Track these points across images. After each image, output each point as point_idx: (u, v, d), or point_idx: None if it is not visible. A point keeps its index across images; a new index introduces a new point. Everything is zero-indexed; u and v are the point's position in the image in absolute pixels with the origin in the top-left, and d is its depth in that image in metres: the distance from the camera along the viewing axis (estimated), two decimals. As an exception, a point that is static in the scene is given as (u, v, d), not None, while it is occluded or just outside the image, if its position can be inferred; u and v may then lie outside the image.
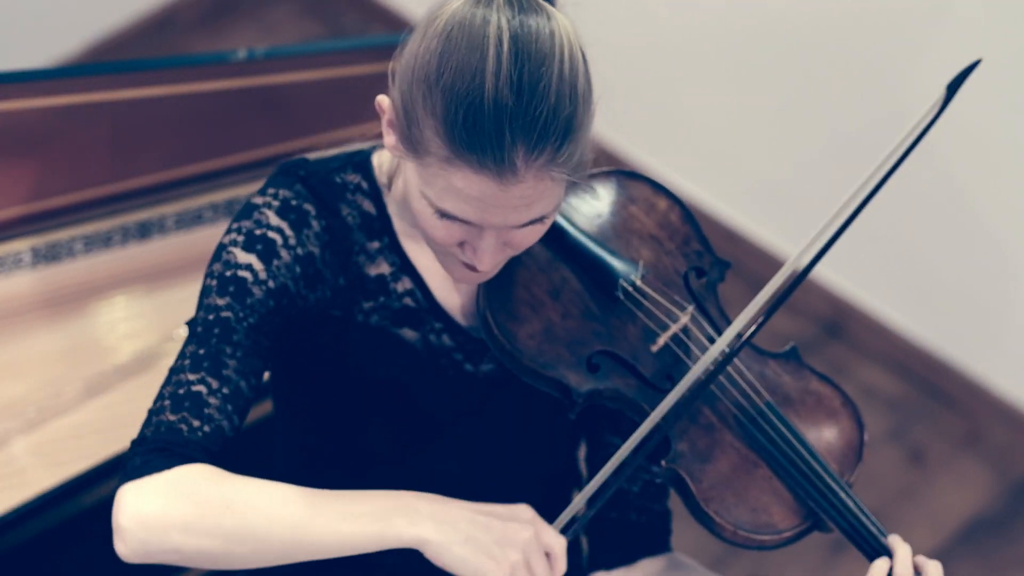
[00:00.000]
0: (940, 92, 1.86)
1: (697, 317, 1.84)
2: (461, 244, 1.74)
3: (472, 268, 1.76)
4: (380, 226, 1.86)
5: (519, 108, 1.63)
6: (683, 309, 1.84)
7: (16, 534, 2.38)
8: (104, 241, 2.70)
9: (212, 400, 1.76)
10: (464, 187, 1.66)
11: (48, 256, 2.65)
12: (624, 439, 1.96)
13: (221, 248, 1.82)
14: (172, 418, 1.75)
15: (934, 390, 3.73)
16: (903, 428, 3.67)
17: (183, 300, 2.78)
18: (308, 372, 1.92)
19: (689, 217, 1.90)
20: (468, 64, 1.63)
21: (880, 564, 1.75)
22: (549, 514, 2.08)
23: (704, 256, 1.89)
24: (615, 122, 1.98)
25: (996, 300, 3.61)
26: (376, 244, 1.86)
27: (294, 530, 1.68)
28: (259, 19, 4.35)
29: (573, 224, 1.87)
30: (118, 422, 2.52)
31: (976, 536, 3.36)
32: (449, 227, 1.71)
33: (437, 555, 1.68)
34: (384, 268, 1.87)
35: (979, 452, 3.64)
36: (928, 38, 3.44)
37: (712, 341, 1.83)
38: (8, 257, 2.62)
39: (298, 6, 4.38)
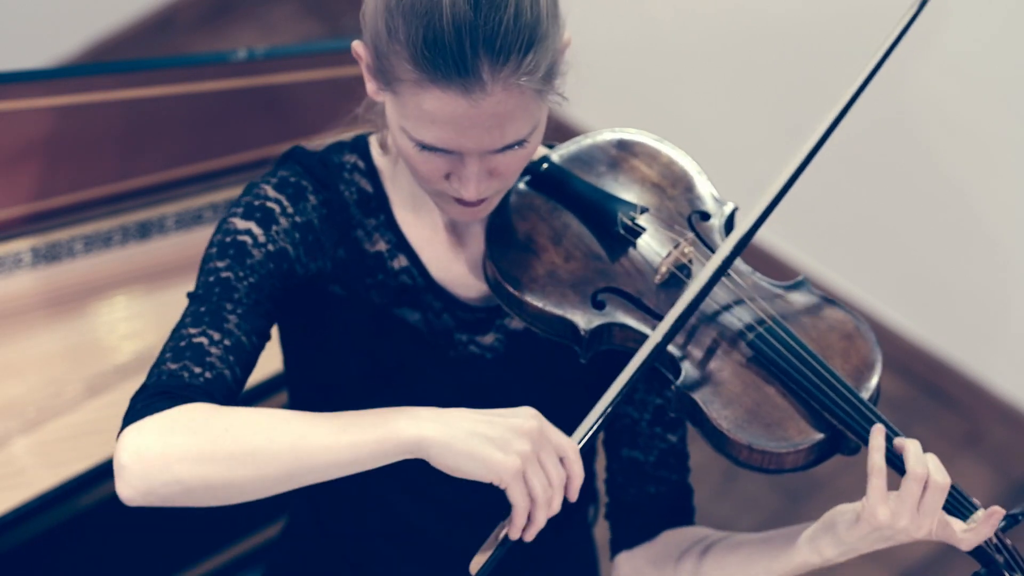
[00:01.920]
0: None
1: (699, 247, 1.84)
2: (448, 177, 1.75)
3: (465, 202, 1.77)
4: (377, 204, 1.88)
5: (478, 19, 1.64)
6: (684, 237, 1.84)
7: (16, 534, 2.38)
8: (104, 241, 2.70)
9: (214, 350, 1.75)
10: (435, 109, 1.67)
11: (48, 256, 2.65)
12: (642, 453, 1.95)
13: (221, 222, 1.84)
14: (173, 367, 1.74)
15: (934, 390, 3.73)
16: (903, 428, 3.63)
17: (183, 300, 2.79)
18: (317, 360, 1.93)
19: (694, 167, 1.91)
20: None
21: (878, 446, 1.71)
22: (568, 515, 2.08)
23: (708, 202, 1.89)
24: (614, 122, 1.98)
25: (996, 300, 3.61)
26: (373, 221, 1.88)
27: (294, 445, 1.63)
28: (259, 19, 4.35)
29: (572, 173, 1.88)
30: (118, 422, 2.51)
31: (976, 536, 3.35)
32: (431, 159, 1.72)
33: (441, 456, 1.62)
34: (381, 245, 1.88)
35: (979, 452, 3.64)
36: (928, 38, 3.44)
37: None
38: (8, 257, 2.62)
39: (298, 6, 4.38)
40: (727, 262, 1.76)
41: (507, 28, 1.65)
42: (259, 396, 2.53)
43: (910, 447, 1.72)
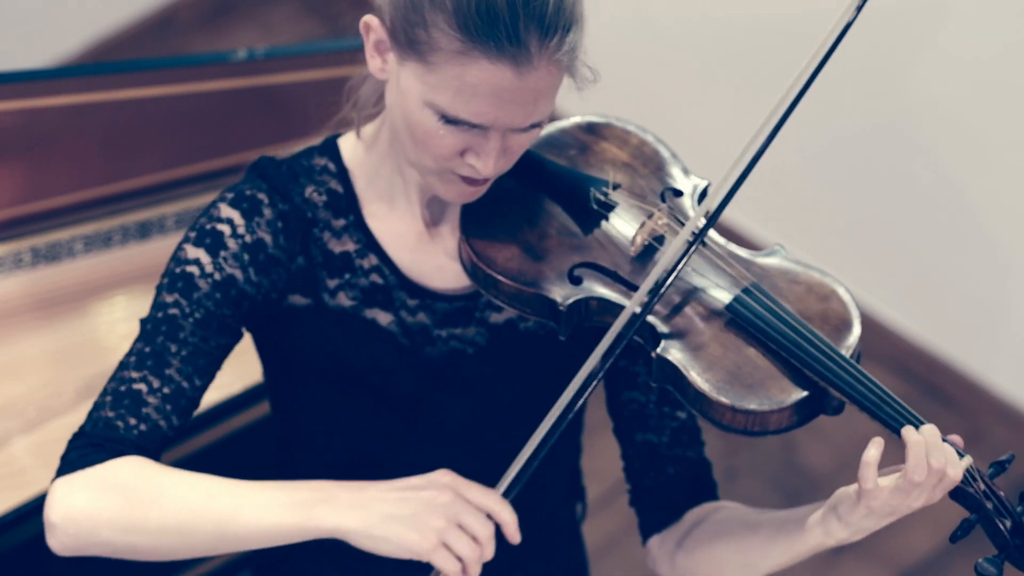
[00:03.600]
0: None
1: (672, 216, 1.85)
2: (463, 154, 1.75)
3: (470, 182, 1.78)
4: (346, 204, 1.89)
5: None
6: (657, 208, 1.84)
7: (16, 534, 2.38)
8: (104, 241, 2.70)
9: (151, 399, 1.80)
10: (480, 81, 1.69)
11: (48, 256, 2.65)
12: (655, 435, 1.95)
13: (178, 246, 1.87)
14: (111, 415, 1.79)
15: (934, 390, 3.73)
16: (903, 428, 3.66)
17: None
18: (292, 374, 1.93)
19: (664, 148, 1.93)
20: None
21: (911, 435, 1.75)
22: (552, 513, 2.08)
23: (681, 179, 1.90)
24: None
25: (996, 300, 3.61)
26: (342, 222, 1.88)
27: (218, 523, 1.70)
28: (259, 19, 4.35)
29: (544, 157, 1.90)
30: (118, 422, 2.52)
31: (975, 535, 3.35)
32: (451, 135, 1.73)
33: (359, 541, 1.69)
34: (349, 245, 1.88)
35: (979, 452, 3.63)
36: (928, 38, 3.44)
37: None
38: (8, 257, 2.62)
39: (298, 6, 4.38)
40: (704, 229, 1.77)
41: (556, 5, 1.69)
42: (246, 403, 2.53)
43: (929, 435, 1.76)
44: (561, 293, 1.81)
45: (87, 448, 1.76)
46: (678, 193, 1.89)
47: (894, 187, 3.66)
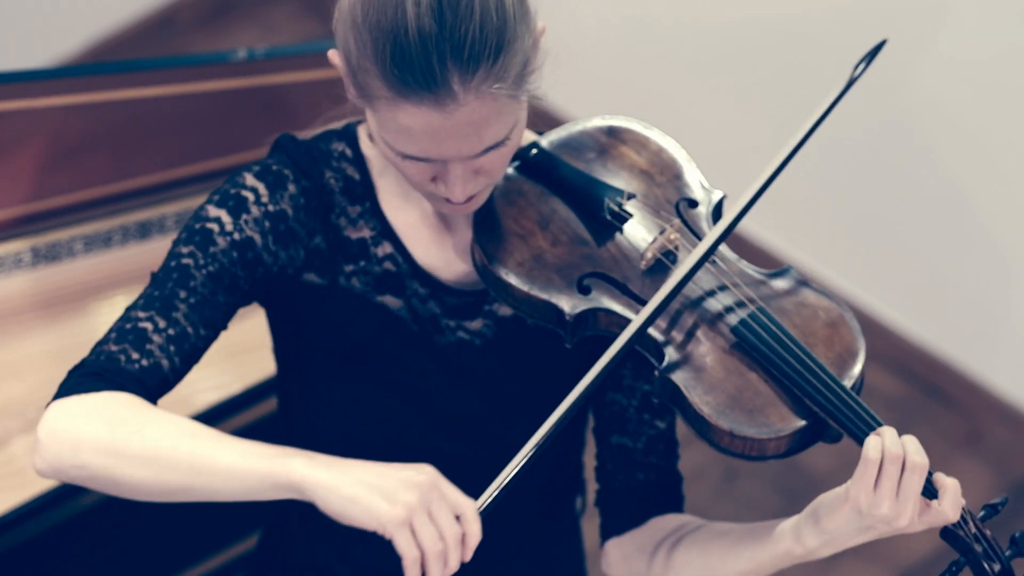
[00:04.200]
0: (848, 71, 1.89)
1: (686, 233, 1.84)
2: (434, 180, 1.75)
3: (455, 202, 1.77)
4: (363, 191, 1.89)
5: (443, 32, 1.64)
6: (670, 223, 1.84)
7: (16, 534, 2.38)
8: (104, 241, 2.70)
9: (156, 338, 1.79)
10: (411, 124, 1.68)
11: (48, 256, 2.65)
12: (631, 439, 1.96)
13: (198, 208, 1.86)
14: (113, 348, 1.79)
15: (934, 390, 3.73)
16: (903, 428, 3.63)
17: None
18: (302, 352, 1.93)
19: (682, 155, 1.92)
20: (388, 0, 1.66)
21: (873, 439, 1.70)
22: (553, 504, 2.09)
23: (696, 190, 1.89)
24: (606, 112, 1.98)
25: (996, 300, 3.61)
26: (358, 208, 1.89)
27: (194, 460, 1.68)
28: (259, 19, 4.35)
29: (561, 159, 1.88)
30: (118, 422, 2.52)
31: (976, 536, 3.35)
32: (415, 166, 1.73)
33: (325, 500, 1.63)
34: (365, 232, 1.89)
35: (979, 452, 3.64)
36: (928, 38, 3.44)
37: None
38: (8, 257, 2.62)
39: (298, 6, 4.38)
40: (711, 249, 1.77)
41: (474, 37, 1.65)
42: (246, 403, 2.53)
43: (886, 432, 1.71)
44: (569, 302, 1.80)
45: (86, 377, 1.77)
46: (693, 204, 1.88)
47: (894, 187, 3.66)
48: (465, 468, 1.81)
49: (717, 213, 1.88)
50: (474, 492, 1.69)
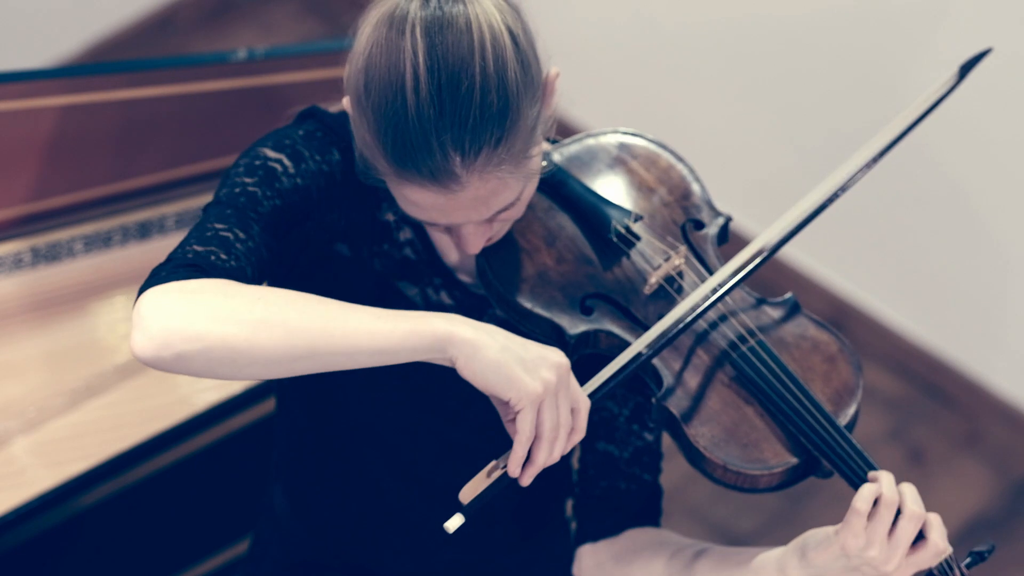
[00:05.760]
0: (952, 72, 1.86)
1: (691, 260, 1.85)
2: (449, 231, 1.75)
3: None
4: None
5: (444, 118, 1.62)
6: (676, 250, 1.84)
7: (16, 534, 2.38)
8: (104, 241, 2.70)
9: (239, 245, 1.70)
10: (419, 200, 1.68)
11: (48, 256, 2.65)
12: (617, 448, 1.96)
13: (247, 151, 1.79)
14: (200, 249, 1.69)
15: (934, 390, 3.73)
16: (903, 428, 3.66)
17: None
18: None
19: (691, 174, 1.92)
20: (389, 83, 1.63)
21: (867, 488, 1.70)
22: (542, 510, 2.08)
23: (703, 210, 1.90)
24: (615, 123, 1.98)
25: (996, 300, 3.61)
26: (383, 190, 1.86)
27: (326, 322, 1.58)
28: (259, 19, 4.35)
29: (571, 175, 1.88)
30: (118, 422, 2.52)
31: (976, 536, 3.35)
32: (432, 223, 1.73)
33: (468, 360, 1.58)
34: (389, 215, 1.88)
35: (979, 452, 3.64)
36: (928, 38, 3.44)
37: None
38: (8, 257, 2.62)
39: (298, 6, 4.38)
40: (716, 298, 1.76)
41: (475, 123, 1.63)
42: (246, 403, 2.54)
43: (883, 477, 1.72)
44: (570, 321, 1.80)
45: (180, 267, 1.65)
46: (699, 225, 1.88)
47: (894, 187, 3.66)
48: (469, 455, 1.81)
49: (723, 235, 1.89)
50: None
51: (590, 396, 1.67)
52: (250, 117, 2.75)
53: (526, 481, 1.63)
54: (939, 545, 1.71)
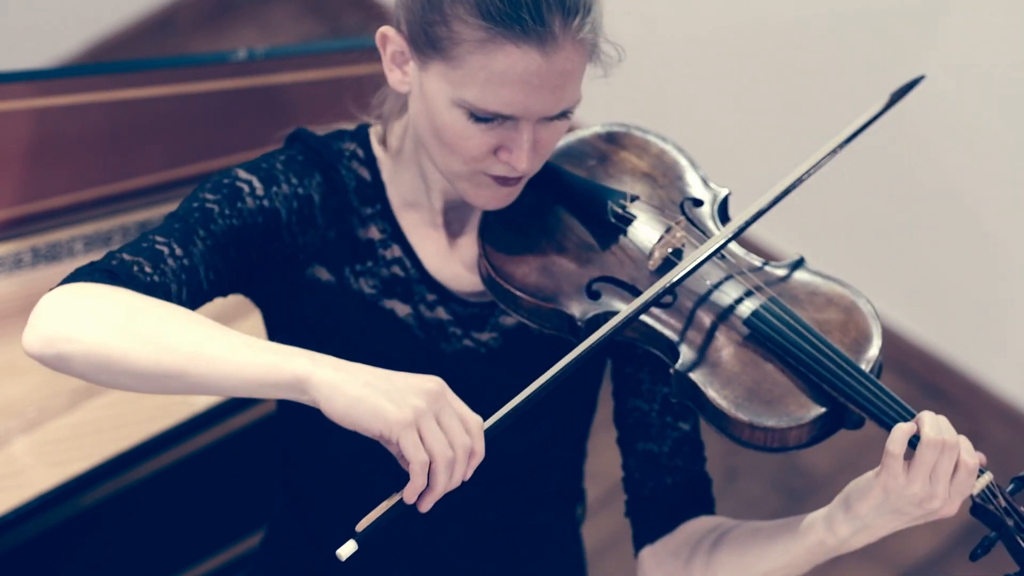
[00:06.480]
0: (883, 99, 1.88)
1: (692, 231, 1.84)
2: (496, 152, 1.75)
3: (503, 182, 1.77)
4: (374, 193, 1.88)
5: None
6: (676, 222, 1.84)
7: (16, 534, 2.38)
8: (104, 241, 2.70)
9: (171, 262, 1.73)
10: (507, 67, 1.70)
11: (48, 256, 2.65)
12: (656, 444, 1.94)
13: (219, 172, 1.83)
14: (127, 258, 1.72)
15: (934, 390, 3.73)
16: (903, 428, 3.66)
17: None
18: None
19: (683, 155, 1.92)
20: None
21: (900, 429, 1.69)
22: (553, 515, 2.08)
23: (700, 188, 1.89)
24: (613, 119, 1.98)
25: (996, 300, 3.61)
26: (369, 210, 1.88)
27: (197, 347, 1.59)
28: (259, 19, 4.35)
29: (563, 168, 1.89)
30: (118, 422, 2.52)
31: (976, 536, 3.36)
32: (485, 132, 1.73)
33: (329, 400, 1.57)
34: (375, 234, 1.88)
35: (979, 452, 3.64)
36: (928, 39, 3.44)
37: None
38: (8, 257, 2.62)
39: (298, 6, 4.38)
40: (717, 249, 1.76)
41: None
42: (246, 403, 2.53)
43: (925, 416, 1.72)
44: (579, 308, 1.80)
45: (97, 272, 1.69)
46: (698, 203, 1.88)
47: (894, 187, 3.66)
48: (471, 475, 1.81)
49: (723, 210, 1.88)
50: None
51: (491, 426, 1.63)
52: (250, 117, 2.75)
53: (424, 508, 1.60)
54: (969, 463, 1.71)
